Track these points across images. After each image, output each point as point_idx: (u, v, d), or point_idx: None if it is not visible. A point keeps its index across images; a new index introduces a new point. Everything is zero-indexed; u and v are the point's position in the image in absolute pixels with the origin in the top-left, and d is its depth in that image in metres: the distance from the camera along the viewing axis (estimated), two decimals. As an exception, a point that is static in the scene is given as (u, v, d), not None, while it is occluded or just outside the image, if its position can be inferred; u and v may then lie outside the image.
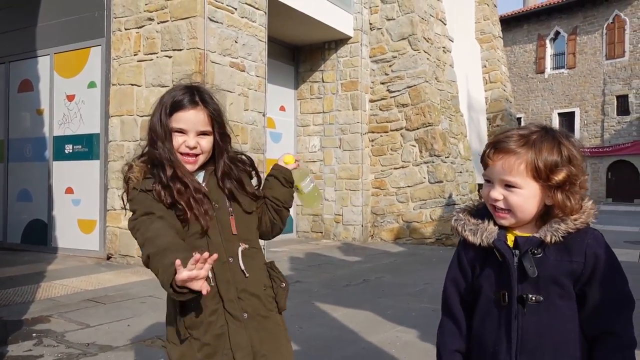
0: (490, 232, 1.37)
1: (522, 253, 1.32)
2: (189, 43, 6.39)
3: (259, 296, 1.66)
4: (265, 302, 1.68)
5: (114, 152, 7.01)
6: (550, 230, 1.31)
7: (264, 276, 1.70)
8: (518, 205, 1.33)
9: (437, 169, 9.35)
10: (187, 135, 1.66)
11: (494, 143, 1.36)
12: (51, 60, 7.80)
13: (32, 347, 3.57)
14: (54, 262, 6.88)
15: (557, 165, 1.30)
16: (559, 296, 1.31)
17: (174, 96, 1.68)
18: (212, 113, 1.69)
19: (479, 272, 1.41)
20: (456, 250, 1.50)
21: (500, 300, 1.35)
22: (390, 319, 4.37)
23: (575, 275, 1.31)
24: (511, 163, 1.31)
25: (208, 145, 1.70)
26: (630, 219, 16.56)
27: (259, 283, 1.68)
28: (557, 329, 1.31)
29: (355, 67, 9.87)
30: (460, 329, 1.46)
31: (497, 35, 14.20)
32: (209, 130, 1.69)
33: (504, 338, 1.34)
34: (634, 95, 28.84)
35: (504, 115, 13.49)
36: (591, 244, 1.32)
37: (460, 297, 1.47)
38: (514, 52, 32.58)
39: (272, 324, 1.69)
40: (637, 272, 6.72)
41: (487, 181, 1.39)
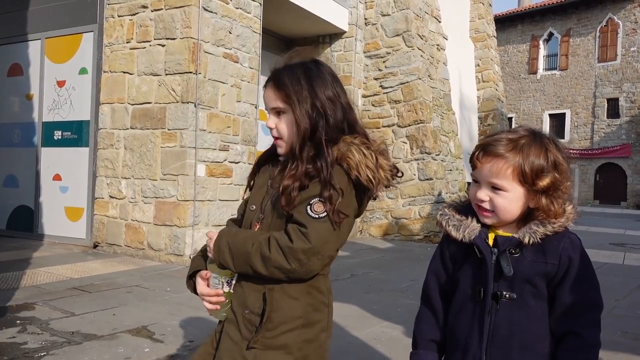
0: (472, 229, 1.43)
1: (500, 252, 1.38)
2: (183, 32, 6.34)
3: (237, 317, 1.50)
4: (241, 327, 1.48)
5: (104, 139, 6.96)
6: (529, 232, 1.37)
7: (252, 299, 1.47)
8: (502, 208, 1.38)
9: (428, 166, 9.37)
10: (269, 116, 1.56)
11: (483, 146, 1.41)
12: (42, 45, 7.71)
13: (15, 334, 3.55)
14: (40, 249, 6.82)
15: (543, 171, 1.35)
16: (532, 295, 1.38)
17: None
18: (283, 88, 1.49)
19: (459, 267, 1.48)
20: (439, 244, 1.56)
21: (477, 295, 1.41)
22: (377, 314, 4.38)
23: (549, 277, 1.37)
24: (499, 167, 1.36)
25: (285, 125, 1.51)
26: (616, 222, 16.73)
27: (242, 304, 1.49)
28: (528, 327, 1.37)
29: (349, 62, 9.85)
30: (438, 319, 1.53)
31: (491, 35, 14.23)
32: (280, 106, 1.51)
33: (476, 332, 1.40)
34: (625, 98, 29.08)
35: (496, 115, 13.54)
36: (567, 247, 1.38)
37: (440, 288, 1.54)
38: (507, 52, 32.69)
39: (238, 356, 1.46)
40: (621, 273, 6.80)
41: (475, 181, 1.44)
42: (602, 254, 8.41)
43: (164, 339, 3.56)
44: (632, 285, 6.05)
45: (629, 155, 29.01)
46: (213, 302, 1.55)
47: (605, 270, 6.94)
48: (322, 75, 1.53)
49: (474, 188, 1.44)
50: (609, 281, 6.12)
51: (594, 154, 30.12)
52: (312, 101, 1.48)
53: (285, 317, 1.45)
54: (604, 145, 29.82)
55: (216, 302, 1.55)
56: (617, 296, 5.38)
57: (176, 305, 4.36)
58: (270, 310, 1.44)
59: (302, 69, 1.52)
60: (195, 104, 6.31)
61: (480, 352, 1.39)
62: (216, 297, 1.54)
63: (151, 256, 6.45)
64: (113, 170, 6.85)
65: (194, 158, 6.32)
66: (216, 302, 1.55)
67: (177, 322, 3.92)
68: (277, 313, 1.44)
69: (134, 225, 6.64)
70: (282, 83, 1.50)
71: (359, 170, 1.42)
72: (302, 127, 1.48)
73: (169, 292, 4.84)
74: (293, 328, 1.45)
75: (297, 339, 1.45)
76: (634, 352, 3.62)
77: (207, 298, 1.55)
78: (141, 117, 6.63)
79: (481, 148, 1.41)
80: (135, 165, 6.65)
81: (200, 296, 1.57)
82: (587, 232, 12.18)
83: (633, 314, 4.73)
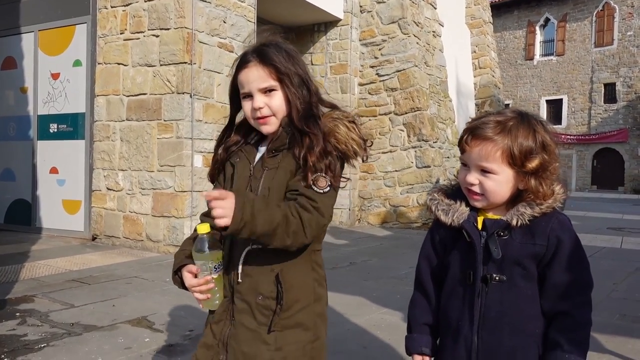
0: (461, 213, 1.43)
1: (489, 235, 1.39)
2: (177, 22, 6.30)
3: (250, 305, 1.49)
4: (256, 315, 1.48)
5: (100, 132, 6.93)
6: (516, 214, 1.37)
7: (264, 284, 1.48)
8: (492, 190, 1.39)
9: (425, 153, 9.37)
10: (253, 97, 1.52)
11: (471, 129, 1.40)
12: (35, 38, 7.66)
13: (15, 326, 3.55)
14: (38, 243, 6.82)
15: (531, 152, 1.35)
16: (521, 277, 1.38)
17: (236, 60, 1.58)
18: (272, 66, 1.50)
19: (449, 251, 1.49)
20: (429, 229, 1.57)
21: (466, 279, 1.42)
22: (376, 301, 4.40)
23: (538, 258, 1.37)
24: (488, 150, 1.36)
25: (278, 103, 1.51)
26: (614, 206, 16.78)
27: (253, 291, 1.49)
28: (518, 308, 1.38)
29: (345, 50, 9.80)
30: (430, 303, 1.54)
31: (487, 21, 14.16)
32: (273, 85, 1.50)
33: (467, 315, 1.41)
34: (622, 83, 29.06)
35: (493, 101, 13.52)
36: (555, 227, 1.37)
37: (431, 273, 1.55)
38: (503, 38, 32.60)
39: (258, 341, 1.48)
40: (619, 257, 6.83)
41: (464, 164, 1.44)
42: (600, 239, 8.44)
43: (164, 328, 3.57)
44: (630, 268, 6.08)
45: (626, 140, 29.05)
46: (204, 290, 1.50)
47: (603, 254, 6.97)
48: (296, 51, 1.57)
49: (463, 172, 1.44)
50: (607, 265, 6.14)
51: (591, 139, 30.15)
52: (300, 77, 1.52)
53: (298, 295, 1.49)
54: (601, 131, 29.84)
55: (206, 290, 1.50)
56: (615, 280, 5.40)
57: (175, 295, 4.36)
58: (285, 291, 1.47)
59: (281, 46, 1.54)
60: (191, 94, 6.28)
61: (472, 335, 1.40)
62: (206, 285, 1.49)
63: (150, 247, 6.45)
64: (110, 163, 6.83)
65: (190, 149, 6.31)
66: (206, 290, 1.50)
67: (176, 312, 3.93)
68: (289, 293, 1.48)
69: (132, 217, 6.63)
70: (272, 60, 1.50)
71: (347, 144, 1.49)
72: (297, 100, 1.50)
73: (168, 283, 4.85)
74: (306, 305, 1.51)
75: (311, 315, 1.52)
76: (631, 335, 3.64)
77: (197, 289, 1.50)
78: (137, 108, 6.60)
79: (469, 132, 1.40)
80: (132, 157, 6.64)
81: (190, 289, 1.52)
82: (585, 217, 12.22)
83: (631, 297, 4.75)
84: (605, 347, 3.34)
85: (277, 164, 1.51)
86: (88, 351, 3.13)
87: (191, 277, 1.52)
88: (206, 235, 1.47)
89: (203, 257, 1.48)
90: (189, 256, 1.54)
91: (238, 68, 1.55)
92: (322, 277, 1.58)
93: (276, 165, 1.51)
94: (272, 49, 1.52)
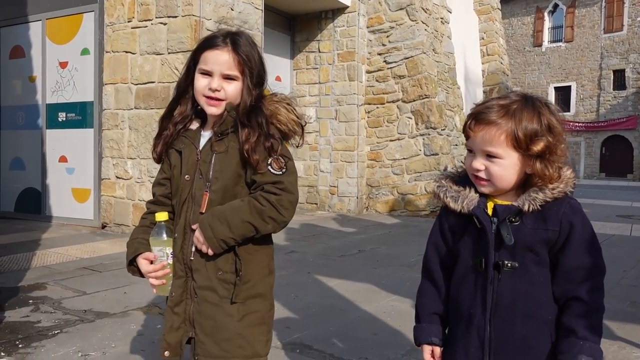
0: (470, 199, 1.41)
1: (500, 221, 1.37)
2: (184, 10, 6.28)
3: (211, 281, 1.59)
4: (218, 289, 1.59)
5: (108, 120, 6.95)
6: (528, 199, 1.35)
7: (222, 260, 1.58)
8: (499, 175, 1.36)
9: (433, 141, 9.33)
10: (212, 77, 1.58)
11: (475, 114, 1.38)
12: (43, 26, 7.66)
13: (29, 313, 3.59)
14: (49, 231, 6.87)
15: (536, 135, 1.33)
16: (533, 263, 1.36)
17: (207, 37, 1.64)
18: (242, 58, 1.58)
19: (459, 238, 1.46)
20: (438, 216, 1.54)
21: (477, 266, 1.40)
22: (385, 288, 4.41)
23: (550, 243, 1.36)
24: (492, 134, 1.34)
25: (234, 92, 1.59)
26: (623, 194, 16.69)
27: (213, 267, 1.59)
28: (530, 295, 1.36)
29: (352, 38, 9.75)
30: (440, 292, 1.52)
31: (495, 7, 14.03)
32: (236, 75, 1.59)
33: (479, 302, 1.39)
34: (631, 69, 28.77)
35: (501, 88, 13.42)
36: (567, 212, 1.36)
37: (440, 261, 1.52)
38: (511, 25, 32.31)
39: (222, 314, 1.59)
40: (628, 245, 6.81)
41: (470, 151, 1.42)
42: (610, 226, 8.40)
43: (175, 315, 3.59)
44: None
45: (635, 127, 28.83)
46: (160, 276, 1.60)
47: (612, 242, 6.94)
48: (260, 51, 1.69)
49: (469, 158, 1.42)
50: (617, 253, 6.12)
51: (600, 126, 29.93)
52: (259, 72, 1.63)
53: (256, 268, 1.62)
54: (610, 118, 29.62)
55: (162, 275, 1.60)
56: (625, 267, 5.39)
57: (186, 282, 4.39)
58: (243, 265, 1.58)
59: (252, 41, 1.64)
60: (199, 82, 6.27)
61: (485, 322, 1.38)
62: (162, 270, 1.60)
63: (159, 235, 6.47)
64: (119, 151, 6.86)
65: (199, 137, 6.31)
66: (162, 275, 1.60)
67: (187, 299, 3.95)
68: (248, 267, 1.60)
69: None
70: (243, 52, 1.58)
71: (287, 124, 1.62)
72: (249, 97, 1.59)
73: (178, 270, 4.88)
74: (263, 277, 1.65)
75: (267, 286, 1.67)
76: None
77: (153, 274, 1.60)
78: (145, 96, 6.60)
79: (473, 117, 1.38)
80: (141, 145, 6.65)
81: (146, 275, 1.62)
82: (593, 204, 12.17)
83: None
84: (616, 334, 3.33)
85: (225, 147, 1.59)
86: (101, 337, 3.16)
87: (147, 263, 1.62)
88: (164, 222, 1.59)
89: (161, 243, 1.58)
90: (143, 244, 1.64)
91: (207, 46, 1.60)
92: (272, 250, 1.72)
93: (225, 148, 1.59)
94: (245, 41, 1.60)
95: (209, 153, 1.59)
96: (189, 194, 1.61)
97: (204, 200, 1.58)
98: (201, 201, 1.58)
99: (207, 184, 1.58)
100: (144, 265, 1.62)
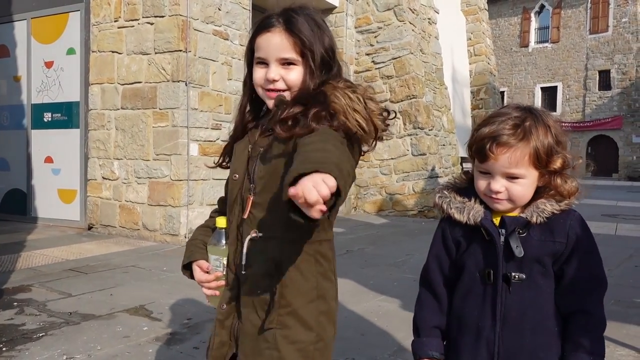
0: (477, 210, 1.39)
1: (509, 233, 1.35)
2: (171, 10, 6.24)
3: (253, 299, 1.38)
4: (258, 310, 1.36)
5: (95, 120, 6.89)
6: (536, 211, 1.34)
7: (264, 277, 1.35)
8: (521, 195, 1.35)
9: (421, 141, 9.37)
10: (269, 66, 1.35)
11: (493, 137, 1.32)
12: (28, 26, 7.57)
13: (13, 315, 3.55)
14: (34, 232, 6.81)
15: (552, 149, 1.32)
16: (541, 275, 1.36)
17: (261, 18, 1.39)
18: (299, 38, 1.32)
19: (464, 250, 1.43)
20: (440, 227, 1.50)
21: (485, 278, 1.38)
22: (373, 288, 4.42)
23: (556, 255, 1.35)
24: (517, 156, 1.31)
25: (296, 79, 1.35)
26: (608, 193, 16.86)
27: (254, 284, 1.37)
28: (538, 306, 1.35)
29: (340, 38, 9.75)
30: (441, 304, 1.48)
31: (482, 8, 14.12)
32: (295, 58, 1.34)
33: (489, 314, 1.37)
34: (616, 70, 29.08)
35: (488, 89, 13.51)
36: (573, 224, 1.36)
37: (442, 273, 1.48)
38: (498, 25, 32.52)
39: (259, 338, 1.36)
40: (613, 244, 6.89)
41: (482, 172, 1.38)
42: (595, 225, 8.49)
43: (162, 317, 3.58)
44: (624, 255, 6.13)
45: (620, 127, 29.15)
46: (213, 287, 1.44)
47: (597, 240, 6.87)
48: (326, 26, 1.41)
49: (483, 180, 1.37)
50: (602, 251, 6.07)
51: (585, 126, 30.22)
52: (324, 54, 1.36)
53: (298, 290, 1.34)
54: (595, 118, 29.92)
55: (216, 286, 1.44)
56: (610, 266, 5.44)
57: (173, 284, 4.37)
58: (280, 286, 1.33)
59: (312, 16, 1.37)
60: (186, 82, 6.25)
61: (494, 336, 1.36)
62: (215, 282, 1.43)
63: (146, 236, 6.45)
64: (105, 152, 6.81)
65: (186, 137, 6.29)
66: (216, 286, 1.44)
67: (174, 300, 3.94)
68: (288, 288, 1.33)
69: (128, 206, 6.62)
70: (299, 31, 1.33)
71: (346, 115, 1.26)
72: (310, 85, 1.35)
73: (166, 272, 4.86)
74: (308, 302, 1.35)
75: (314, 312, 1.36)
76: (626, 320, 3.68)
77: (206, 285, 1.44)
78: (132, 97, 6.56)
79: (491, 139, 1.32)
80: (128, 145, 6.61)
81: (199, 283, 1.47)
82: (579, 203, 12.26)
83: (625, 283, 4.79)
84: (601, 333, 3.37)
85: (269, 144, 1.34)
86: (87, 340, 3.13)
87: (201, 272, 1.46)
88: (224, 229, 1.43)
89: (219, 252, 1.43)
90: (200, 249, 1.49)
91: (259, 29, 1.37)
92: (329, 269, 1.41)
93: (268, 145, 1.34)
94: (302, 18, 1.35)
95: (257, 150, 1.37)
96: (238, 195, 1.40)
97: (247, 204, 1.35)
98: (245, 205, 1.36)
99: (252, 185, 1.36)
100: (198, 273, 1.46)
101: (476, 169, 1.40)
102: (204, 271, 1.45)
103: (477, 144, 1.36)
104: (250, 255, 1.31)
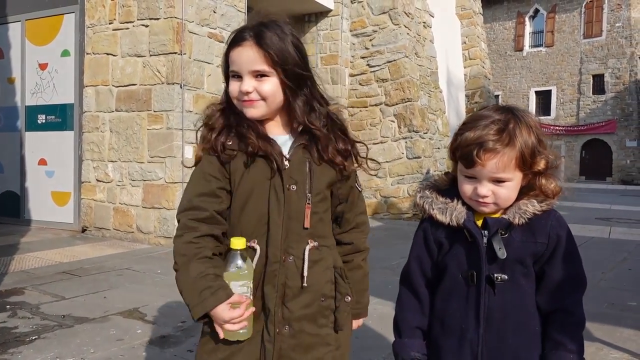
0: (459, 212, 1.38)
1: (492, 234, 1.35)
2: (166, 12, 6.24)
3: (313, 310, 1.39)
4: (318, 319, 1.40)
5: (89, 123, 6.87)
6: (518, 212, 1.34)
7: (326, 285, 1.41)
8: (507, 197, 1.35)
9: (416, 144, 9.39)
10: (243, 79, 1.38)
11: (480, 143, 1.31)
12: (22, 27, 7.55)
13: (6, 318, 3.53)
14: (28, 235, 6.77)
15: (535, 150, 1.32)
16: (522, 275, 1.36)
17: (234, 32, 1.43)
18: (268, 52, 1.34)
19: (446, 251, 1.43)
20: (421, 228, 1.48)
21: (468, 279, 1.38)
22: (367, 291, 4.40)
23: (537, 256, 1.36)
24: (504, 161, 1.30)
25: (270, 90, 1.37)
26: (602, 197, 16.93)
27: (317, 294, 1.40)
28: (521, 307, 1.36)
29: (336, 41, 9.77)
30: (423, 305, 1.48)
31: (477, 12, 14.17)
32: (267, 70, 1.36)
33: (473, 316, 1.37)
34: (610, 74, 29.24)
35: (483, 92, 13.56)
36: (554, 225, 1.36)
37: (423, 274, 1.48)
38: (493, 29, 32.65)
39: (320, 344, 1.41)
40: (607, 247, 6.90)
41: (467, 177, 1.37)
42: (589, 229, 8.52)
43: (156, 320, 3.56)
44: (618, 258, 6.15)
45: (614, 131, 29.28)
46: (245, 318, 1.31)
47: (591, 244, 7.04)
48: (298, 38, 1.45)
49: (468, 184, 1.36)
50: (596, 255, 6.21)
51: (579, 130, 30.35)
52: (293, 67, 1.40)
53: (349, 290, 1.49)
54: (589, 122, 30.04)
55: (248, 316, 1.32)
56: (604, 269, 5.46)
57: (167, 287, 4.36)
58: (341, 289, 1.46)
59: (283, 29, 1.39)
60: (181, 85, 6.24)
61: (477, 337, 1.37)
62: (247, 311, 1.32)
63: (140, 239, 6.42)
64: (99, 154, 6.78)
65: (181, 140, 6.28)
66: (248, 316, 1.32)
67: (168, 303, 3.92)
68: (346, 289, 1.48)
69: (122, 208, 6.59)
70: (268, 45, 1.35)
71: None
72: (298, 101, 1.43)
73: (160, 274, 4.84)
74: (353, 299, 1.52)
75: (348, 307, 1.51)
76: (620, 323, 3.69)
77: (238, 319, 1.30)
78: (126, 99, 6.54)
79: (478, 146, 1.30)
80: (122, 148, 6.59)
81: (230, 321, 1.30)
82: (573, 207, 12.31)
83: (619, 286, 4.81)
84: (594, 336, 3.38)
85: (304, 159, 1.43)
86: (80, 343, 3.11)
87: (229, 309, 1.29)
88: (244, 251, 1.30)
89: (244, 277, 1.30)
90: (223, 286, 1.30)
91: (232, 44, 1.40)
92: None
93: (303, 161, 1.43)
94: (271, 32, 1.36)
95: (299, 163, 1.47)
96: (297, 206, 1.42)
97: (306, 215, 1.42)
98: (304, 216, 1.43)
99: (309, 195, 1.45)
100: (227, 313, 1.28)
101: (461, 174, 1.39)
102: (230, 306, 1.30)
103: (462, 149, 1.35)
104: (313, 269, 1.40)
